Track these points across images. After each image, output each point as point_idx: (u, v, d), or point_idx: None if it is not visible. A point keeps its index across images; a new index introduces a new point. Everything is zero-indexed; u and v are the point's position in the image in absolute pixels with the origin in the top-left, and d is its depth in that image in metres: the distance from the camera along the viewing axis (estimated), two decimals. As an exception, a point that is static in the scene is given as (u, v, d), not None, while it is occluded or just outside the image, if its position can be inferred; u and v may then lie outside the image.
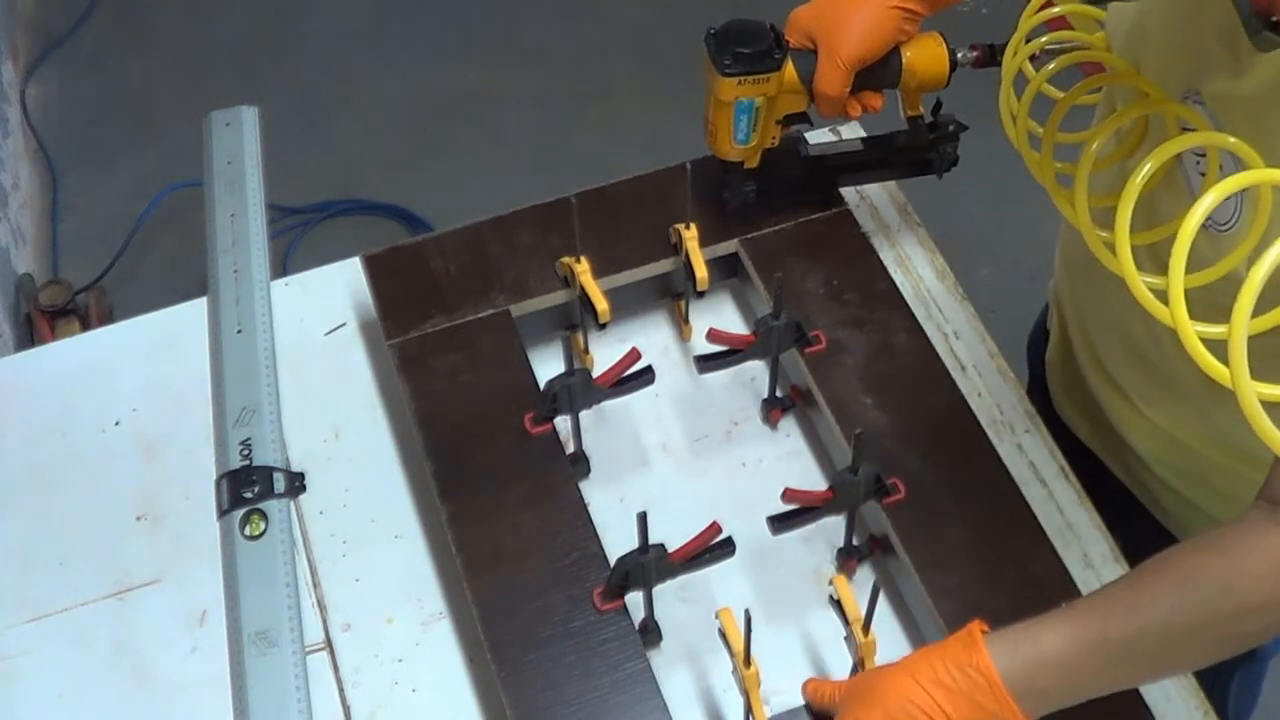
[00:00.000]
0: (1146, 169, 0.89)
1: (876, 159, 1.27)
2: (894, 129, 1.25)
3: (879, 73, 1.15)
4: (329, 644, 1.11)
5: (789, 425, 1.23)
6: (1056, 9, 1.04)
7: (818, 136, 1.32)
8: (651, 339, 1.29)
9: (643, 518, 0.97)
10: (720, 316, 1.31)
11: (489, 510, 1.09)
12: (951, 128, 1.23)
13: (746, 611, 0.91)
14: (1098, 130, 1.01)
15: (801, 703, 1.00)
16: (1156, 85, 0.97)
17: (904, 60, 1.16)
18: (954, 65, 1.17)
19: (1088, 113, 1.13)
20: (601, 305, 1.18)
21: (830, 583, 0.99)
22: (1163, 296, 0.83)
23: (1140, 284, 0.88)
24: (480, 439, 1.13)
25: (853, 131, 1.34)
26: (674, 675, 1.07)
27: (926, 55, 1.16)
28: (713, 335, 1.13)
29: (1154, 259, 0.99)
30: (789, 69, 1.13)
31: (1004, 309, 1.71)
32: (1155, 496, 1.23)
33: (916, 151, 1.25)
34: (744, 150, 1.18)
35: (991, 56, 1.18)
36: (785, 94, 1.14)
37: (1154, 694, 1.05)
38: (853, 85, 1.15)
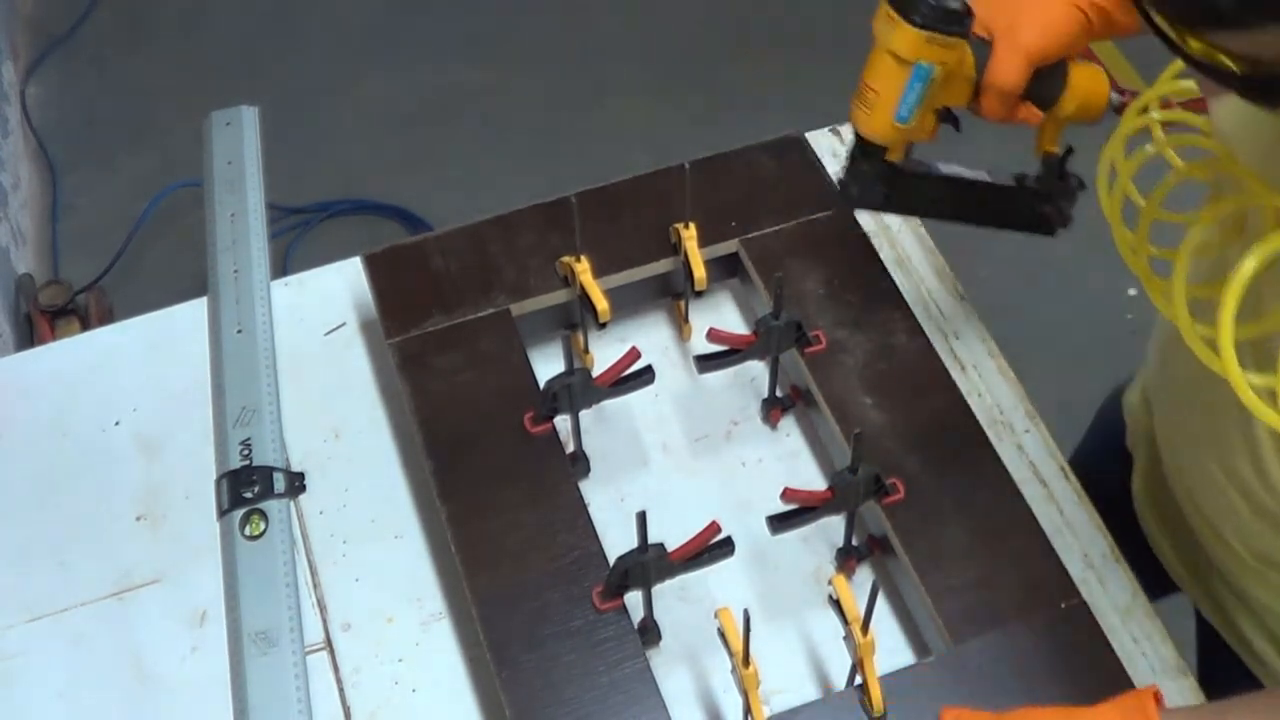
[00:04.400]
0: (1250, 265, 0.79)
1: (999, 199, 1.13)
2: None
3: (1044, 83, 1.03)
4: (329, 644, 1.11)
5: (789, 425, 1.24)
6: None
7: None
8: (651, 339, 1.29)
9: (642, 517, 0.97)
10: (720, 316, 1.31)
11: (489, 509, 1.09)
12: (1074, 181, 1.10)
13: (745, 611, 0.90)
14: (1199, 216, 0.90)
15: (800, 703, 1.00)
16: (1257, 176, 0.87)
17: (1068, 79, 1.04)
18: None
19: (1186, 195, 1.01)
20: (602, 305, 1.18)
21: (829, 583, 0.99)
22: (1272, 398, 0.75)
23: (1246, 386, 0.78)
24: (480, 438, 1.13)
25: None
26: (673, 675, 1.07)
27: (1089, 81, 1.05)
28: (713, 335, 1.13)
29: (1259, 360, 0.87)
30: (967, 48, 1.00)
31: (1004, 309, 1.71)
32: (1247, 640, 1.15)
33: (1038, 199, 1.11)
34: (899, 131, 1.03)
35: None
36: (954, 78, 1.01)
37: (1154, 694, 1.05)
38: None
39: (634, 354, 1.11)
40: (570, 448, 1.17)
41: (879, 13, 0.99)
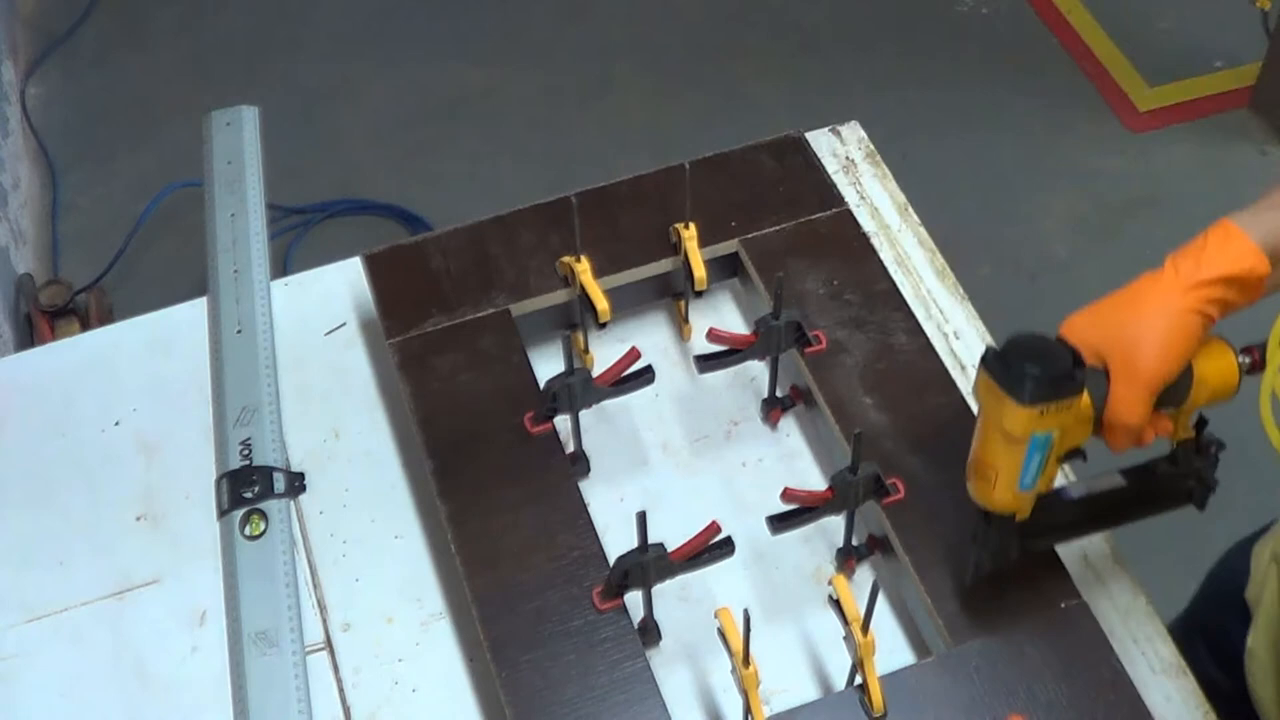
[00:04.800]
0: None
1: (1139, 495, 1.04)
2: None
3: (1169, 392, 0.95)
4: (329, 644, 1.11)
5: (789, 425, 1.24)
6: None
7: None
8: (651, 339, 1.29)
9: (642, 517, 0.97)
10: (721, 316, 1.31)
11: (489, 509, 1.09)
12: (1213, 450, 1.01)
13: (745, 611, 0.91)
14: None
15: (800, 703, 1.00)
16: None
17: (1193, 378, 0.95)
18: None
19: None
20: (602, 305, 1.18)
21: (829, 583, 0.99)
22: None
23: None
24: (480, 438, 1.13)
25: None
26: (673, 675, 1.07)
27: (1216, 365, 0.96)
28: (713, 335, 1.13)
29: None
30: (1084, 395, 0.91)
31: (1004, 309, 1.70)
32: None
33: (1178, 480, 1.03)
34: (1025, 498, 0.95)
35: (1264, 360, 0.97)
36: (1074, 424, 0.93)
37: (1154, 694, 1.05)
38: None
39: (634, 354, 1.11)
40: (570, 448, 1.17)
41: (979, 382, 0.91)
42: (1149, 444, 0.97)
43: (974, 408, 1.17)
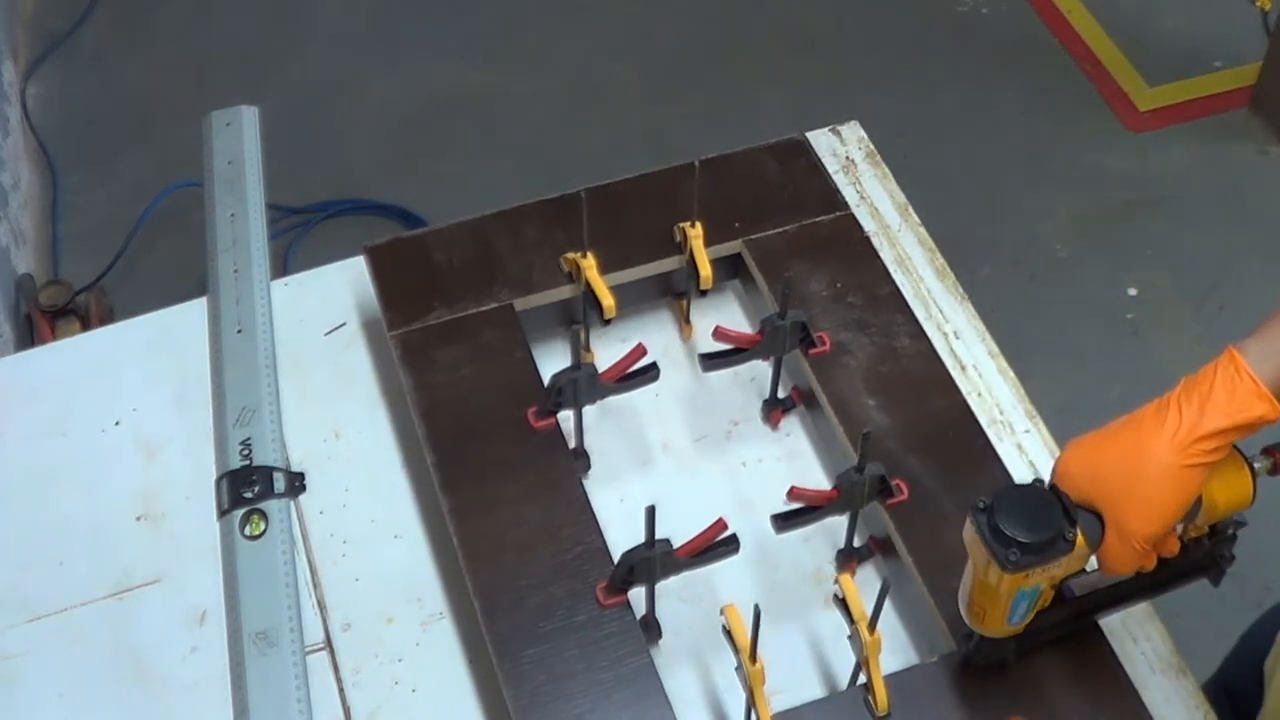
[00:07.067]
0: None
1: (1147, 584, 1.02)
2: None
3: None
4: (329, 644, 1.10)
5: (790, 425, 1.23)
6: None
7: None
8: (653, 337, 1.29)
9: (650, 512, 0.97)
10: (722, 316, 1.31)
11: (491, 503, 1.09)
12: (1230, 531, 0.99)
13: (756, 607, 0.90)
14: None
15: (802, 702, 1.00)
16: None
17: (1202, 501, 0.93)
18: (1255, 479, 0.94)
19: None
20: (608, 301, 1.18)
21: (835, 581, 0.99)
22: None
23: None
24: (483, 432, 1.13)
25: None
26: (673, 674, 1.07)
27: (1227, 485, 0.92)
28: (719, 333, 1.13)
29: None
30: (1078, 539, 0.90)
31: (1004, 309, 1.70)
32: None
33: (1191, 565, 1.01)
34: (1016, 629, 0.96)
35: None
36: (1069, 564, 0.92)
37: (1154, 694, 1.05)
38: None
39: (640, 350, 1.11)
40: (572, 443, 1.17)
41: (968, 532, 0.90)
42: (1152, 567, 0.94)
43: (973, 406, 1.17)
